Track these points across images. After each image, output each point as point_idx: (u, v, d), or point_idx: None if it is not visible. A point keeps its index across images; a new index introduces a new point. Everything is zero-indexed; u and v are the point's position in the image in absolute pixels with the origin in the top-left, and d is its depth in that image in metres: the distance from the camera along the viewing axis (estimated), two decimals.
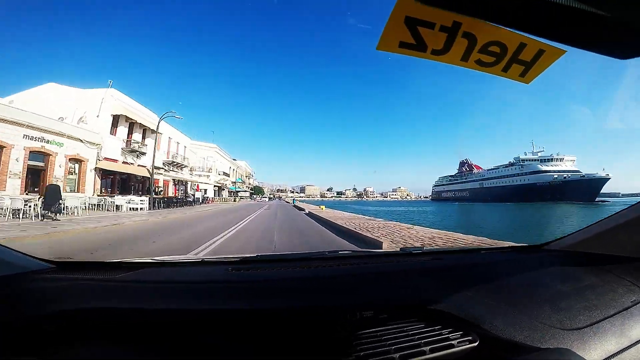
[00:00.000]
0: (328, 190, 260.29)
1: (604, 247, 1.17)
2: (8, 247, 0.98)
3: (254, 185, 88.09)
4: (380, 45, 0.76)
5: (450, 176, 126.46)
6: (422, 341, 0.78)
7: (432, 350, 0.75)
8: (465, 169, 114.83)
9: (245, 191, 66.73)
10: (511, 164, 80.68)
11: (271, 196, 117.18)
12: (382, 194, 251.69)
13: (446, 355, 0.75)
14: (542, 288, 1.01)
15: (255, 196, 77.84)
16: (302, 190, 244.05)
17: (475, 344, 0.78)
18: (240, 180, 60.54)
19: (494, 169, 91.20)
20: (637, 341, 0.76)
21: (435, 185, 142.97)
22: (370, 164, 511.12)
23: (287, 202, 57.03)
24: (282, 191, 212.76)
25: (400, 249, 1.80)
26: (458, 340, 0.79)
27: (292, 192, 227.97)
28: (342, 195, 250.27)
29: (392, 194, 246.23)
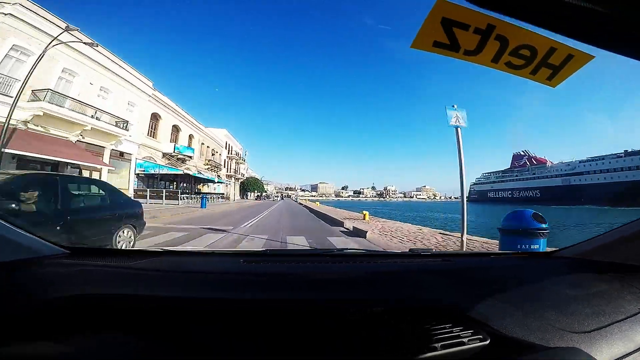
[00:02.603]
0: (343, 188, 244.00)
1: (614, 255, 1.18)
2: (24, 231, 1.00)
3: (250, 176, 59.58)
4: (415, 43, 0.82)
5: (502, 172, 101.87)
6: (433, 337, 0.80)
7: (443, 347, 0.76)
8: (527, 163, 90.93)
9: (219, 181, 35.74)
10: (631, 153, 60.05)
11: (277, 195, 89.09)
12: (404, 194, 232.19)
13: (457, 353, 0.77)
14: (552, 293, 1.03)
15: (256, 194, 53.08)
16: (314, 188, 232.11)
17: (486, 342, 0.80)
18: (188, 150, 27.82)
19: (589, 160, 67.90)
20: None
21: (475, 184, 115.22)
22: (389, 162, 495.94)
23: (311, 207, 24.39)
24: (291, 189, 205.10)
25: (410, 250, 1.80)
26: (469, 339, 0.80)
27: (303, 190, 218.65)
28: (361, 195, 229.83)
29: (417, 194, 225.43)
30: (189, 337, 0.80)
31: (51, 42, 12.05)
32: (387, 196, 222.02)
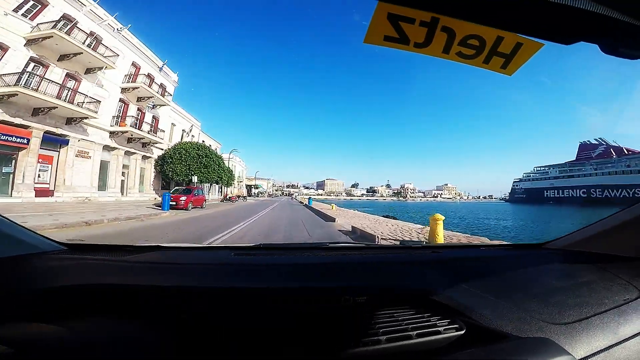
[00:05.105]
0: (353, 186, 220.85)
1: (602, 246, 1.19)
2: (26, 228, 1.05)
3: (188, 142, 25.71)
4: (367, 38, 0.86)
5: (569, 164, 79.93)
6: (410, 326, 0.83)
7: (418, 335, 0.80)
8: (611, 154, 73.32)
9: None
10: None
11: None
12: (424, 193, 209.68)
13: (432, 341, 0.80)
14: (537, 284, 1.04)
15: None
16: (320, 186, 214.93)
17: (462, 332, 0.83)
18: None
19: None
20: (626, 339, 0.77)
21: (522, 180, 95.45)
22: (404, 157, 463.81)
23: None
24: (293, 187, 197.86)
25: (400, 242, 1.84)
26: (445, 328, 0.83)
27: (307, 188, 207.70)
28: (376, 194, 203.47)
29: (440, 193, 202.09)
30: (180, 321, 0.85)
31: None
32: (406, 195, 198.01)
